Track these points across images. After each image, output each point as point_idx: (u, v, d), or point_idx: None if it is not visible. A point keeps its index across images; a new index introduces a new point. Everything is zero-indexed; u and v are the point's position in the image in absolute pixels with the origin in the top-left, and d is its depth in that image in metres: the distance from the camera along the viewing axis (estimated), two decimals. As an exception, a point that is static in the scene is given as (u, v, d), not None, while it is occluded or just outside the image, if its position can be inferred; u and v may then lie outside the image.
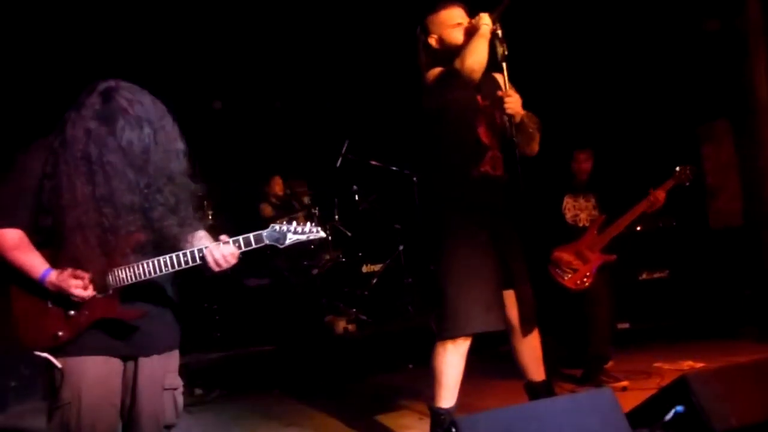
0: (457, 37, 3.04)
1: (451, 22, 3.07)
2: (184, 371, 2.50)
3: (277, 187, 6.58)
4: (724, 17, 5.51)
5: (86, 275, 2.26)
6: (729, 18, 5.47)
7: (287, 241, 2.35)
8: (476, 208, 3.02)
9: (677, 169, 4.28)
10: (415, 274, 6.34)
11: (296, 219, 6.15)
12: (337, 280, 6.21)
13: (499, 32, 2.91)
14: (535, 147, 3.14)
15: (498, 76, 3.11)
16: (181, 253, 2.30)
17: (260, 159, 6.92)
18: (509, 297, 3.07)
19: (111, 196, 2.24)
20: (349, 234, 6.41)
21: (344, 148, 6.30)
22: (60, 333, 2.25)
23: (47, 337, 2.25)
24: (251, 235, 2.32)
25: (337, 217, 6.38)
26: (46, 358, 2.26)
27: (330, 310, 5.93)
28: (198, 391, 4.65)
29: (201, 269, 2.31)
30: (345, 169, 6.36)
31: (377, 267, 6.58)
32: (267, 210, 6.43)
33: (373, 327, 5.94)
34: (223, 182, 6.43)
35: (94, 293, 2.27)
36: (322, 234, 2.42)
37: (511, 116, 2.98)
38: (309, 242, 2.38)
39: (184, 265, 2.29)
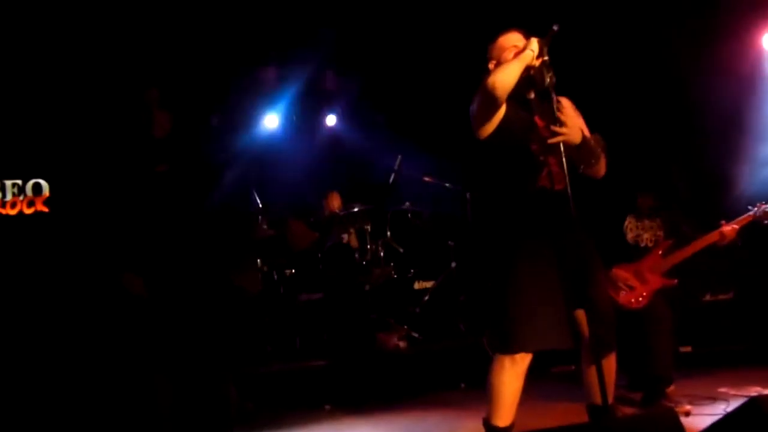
0: (509, 59, 3.03)
1: (508, 45, 3.09)
2: (235, 384, 2.52)
3: (335, 202, 6.37)
4: None
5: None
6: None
7: None
8: (536, 224, 2.97)
9: (757, 206, 4.13)
10: (467, 291, 6.26)
11: (348, 236, 6.20)
12: (389, 297, 6.17)
13: (546, 58, 2.89)
14: (598, 169, 3.11)
15: (564, 101, 3.10)
16: None
17: (314, 175, 6.94)
18: (581, 316, 2.97)
19: None
20: (402, 250, 6.38)
21: (397, 164, 6.30)
22: None
23: None
24: None
25: (389, 233, 6.36)
26: None
27: (381, 327, 5.90)
28: (248, 404, 4.66)
29: None
30: (398, 185, 6.34)
31: (429, 284, 6.52)
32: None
33: (424, 344, 5.88)
34: (277, 197, 6.49)
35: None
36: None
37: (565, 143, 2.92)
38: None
39: None
